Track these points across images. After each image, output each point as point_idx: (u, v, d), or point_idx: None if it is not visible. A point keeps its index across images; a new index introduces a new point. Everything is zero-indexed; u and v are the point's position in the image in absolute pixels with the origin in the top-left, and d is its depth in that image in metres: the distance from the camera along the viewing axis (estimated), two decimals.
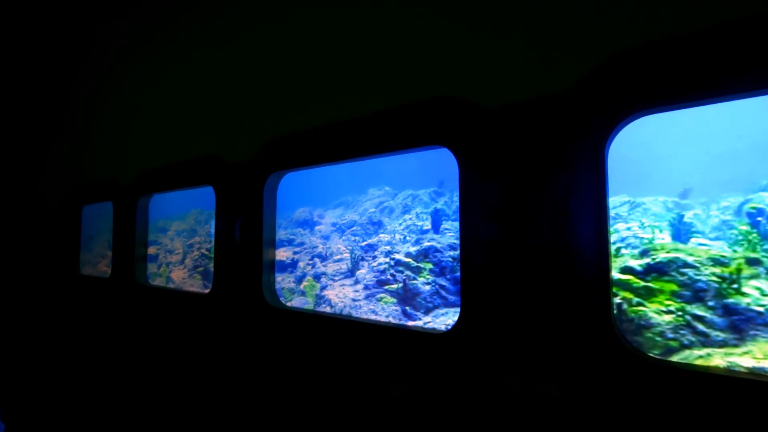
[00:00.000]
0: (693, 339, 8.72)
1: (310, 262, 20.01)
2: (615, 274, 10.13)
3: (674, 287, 9.39)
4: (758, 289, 8.88)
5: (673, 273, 9.50)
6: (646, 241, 13.37)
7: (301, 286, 17.28)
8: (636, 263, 10.01)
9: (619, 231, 15.02)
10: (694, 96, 1.51)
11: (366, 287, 15.73)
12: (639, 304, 9.36)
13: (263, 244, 2.85)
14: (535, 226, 1.81)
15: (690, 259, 9.47)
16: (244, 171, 2.99)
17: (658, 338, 8.94)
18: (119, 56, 4.32)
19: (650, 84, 1.58)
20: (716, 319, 8.79)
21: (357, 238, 22.04)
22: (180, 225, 30.11)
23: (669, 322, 9.00)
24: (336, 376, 2.43)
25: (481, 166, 1.95)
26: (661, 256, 9.67)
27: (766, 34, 1.37)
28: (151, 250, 26.18)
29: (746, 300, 8.74)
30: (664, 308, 9.17)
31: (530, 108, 1.83)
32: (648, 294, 9.52)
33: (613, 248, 11.53)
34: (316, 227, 26.65)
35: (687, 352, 8.52)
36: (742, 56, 1.42)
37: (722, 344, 8.44)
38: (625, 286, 9.81)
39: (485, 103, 1.94)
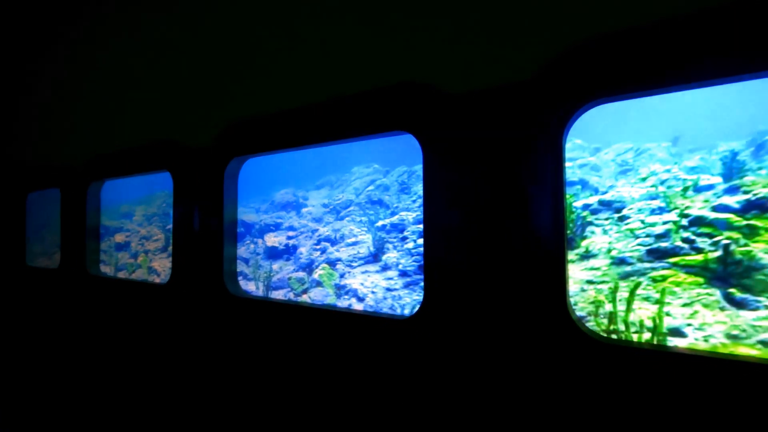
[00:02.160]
0: None
1: (318, 246, 17.84)
2: (708, 213, 9.08)
3: None
4: None
5: None
6: (689, 182, 12.57)
7: (315, 275, 15.09)
8: (731, 200, 8.97)
9: (657, 173, 14.16)
10: (648, 85, 1.57)
11: (403, 273, 13.48)
12: (745, 244, 8.35)
13: (224, 231, 2.81)
14: (496, 212, 1.85)
15: None
16: (203, 156, 2.93)
17: None
18: (66, 30, 3.73)
19: (605, 74, 1.65)
20: None
21: (364, 218, 20.12)
22: (149, 209, 27.24)
23: None
24: (301, 364, 2.44)
25: (444, 152, 2.00)
26: (763, 191, 8.64)
27: (713, 27, 1.44)
28: (119, 238, 23.37)
29: None
30: None
31: (492, 95, 1.87)
32: (752, 233, 8.52)
33: (675, 189, 10.55)
34: (303, 209, 24.55)
35: None
36: (692, 47, 1.48)
37: None
38: (724, 225, 8.76)
39: (449, 89, 1.98)
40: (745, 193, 8.94)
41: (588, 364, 1.66)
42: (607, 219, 11.25)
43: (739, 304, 7.85)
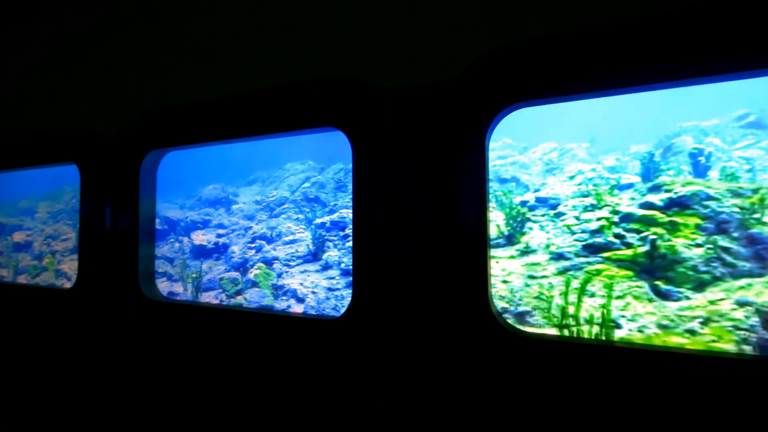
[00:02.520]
0: (724, 271, 8.60)
1: (253, 245, 16.88)
2: (636, 210, 9.70)
3: (698, 220, 9.20)
4: None
5: (696, 206, 9.28)
6: (613, 181, 13.49)
7: (250, 275, 14.24)
8: (656, 198, 9.65)
9: (583, 172, 15.03)
10: (569, 91, 1.64)
11: (346, 272, 13.06)
12: (668, 239, 9.01)
13: (140, 229, 2.65)
14: (424, 208, 1.89)
15: (711, 192, 9.32)
16: (116, 147, 2.75)
17: (691, 272, 8.67)
18: None
19: (531, 76, 1.69)
20: (742, 250, 8.76)
21: (301, 216, 19.38)
22: (55, 205, 24.47)
23: (700, 256, 8.78)
24: (227, 370, 2.35)
25: (373, 148, 1.99)
26: (684, 190, 9.38)
27: (633, 38, 1.55)
28: (18, 237, 20.80)
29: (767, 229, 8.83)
30: (691, 242, 8.94)
31: (419, 93, 1.89)
32: (673, 229, 9.22)
33: (602, 187, 11.23)
34: (234, 206, 23.30)
35: (728, 285, 8.35)
36: (612, 56, 1.58)
37: (748, 274, 8.42)
38: (650, 221, 9.40)
39: (377, 85, 1.97)
40: (667, 191, 9.65)
41: (507, 356, 1.75)
42: (543, 215, 11.69)
43: (664, 296, 8.45)
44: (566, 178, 15.71)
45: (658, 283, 8.66)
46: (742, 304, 7.68)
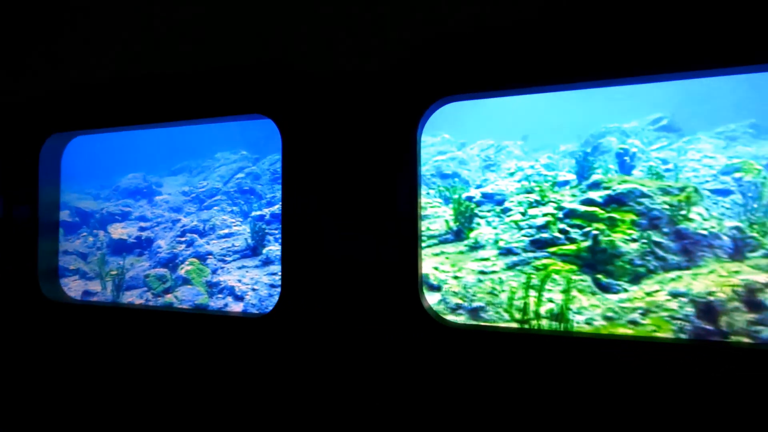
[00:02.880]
0: (656, 264, 9.19)
1: (183, 239, 15.52)
2: (579, 206, 10.09)
3: (634, 216, 9.75)
4: (699, 214, 9.80)
5: (632, 203, 9.83)
6: (550, 178, 14.08)
7: (181, 272, 13.04)
8: (596, 195, 10.09)
9: (523, 169, 15.53)
10: (500, 86, 1.69)
11: None
12: (608, 234, 9.46)
13: (39, 222, 2.37)
14: (353, 200, 1.86)
15: (645, 189, 9.91)
16: (10, 127, 2.42)
17: (628, 266, 9.17)
18: None
19: (458, 71, 1.74)
20: (672, 244, 9.42)
21: (236, 208, 18.17)
22: None
23: (636, 250, 9.31)
24: (144, 372, 2.19)
25: (303, 137, 1.95)
26: (621, 187, 9.89)
27: (562, 35, 1.59)
28: None
29: (693, 225, 9.56)
30: (627, 237, 9.46)
31: (352, 82, 1.87)
32: (612, 224, 9.70)
33: (543, 184, 11.61)
34: (157, 197, 21.49)
35: (661, 277, 8.92)
36: (540, 52, 1.64)
37: (677, 267, 9.08)
38: (591, 217, 9.82)
39: (308, 71, 1.91)
40: (606, 188, 10.13)
41: (438, 347, 1.81)
42: (489, 211, 11.86)
43: (605, 289, 8.85)
44: (506, 174, 16.18)
45: (599, 276, 9.06)
46: (675, 295, 8.22)
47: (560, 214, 10.10)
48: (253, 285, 11.80)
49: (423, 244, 11.29)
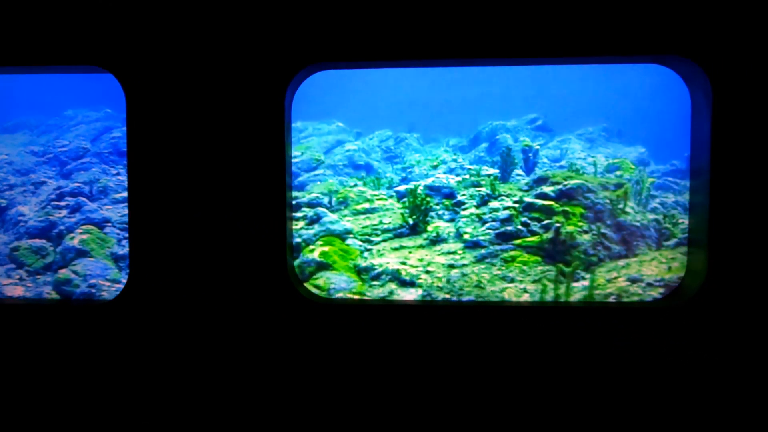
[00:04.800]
0: (605, 253, 9.90)
1: (61, 203, 12.10)
2: (536, 200, 10.37)
3: (582, 210, 10.37)
4: (632, 207, 10.85)
5: (580, 198, 10.44)
6: (467, 175, 14.42)
7: (74, 242, 10.13)
8: (549, 189, 10.50)
9: (446, 162, 15.73)
10: (370, 56, 1.62)
11: None
12: (563, 226, 9.89)
13: None
14: (216, 173, 1.73)
15: (590, 185, 10.62)
16: None
17: (583, 256, 9.71)
18: None
19: (327, 39, 1.65)
20: (614, 235, 10.25)
21: (116, 170, 14.95)
22: None
23: (588, 241, 9.90)
24: None
25: (153, 98, 1.75)
26: (571, 183, 10.45)
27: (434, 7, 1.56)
28: None
29: (628, 218, 10.53)
30: (579, 228, 10.02)
31: (214, 43, 1.77)
32: (566, 217, 10.17)
33: (490, 179, 11.82)
34: None
35: (611, 265, 9.60)
36: (408, 26, 1.57)
37: (623, 256, 9.92)
38: (549, 211, 10.16)
39: (162, 27, 1.74)
40: (556, 183, 10.62)
41: (307, 321, 1.78)
42: (438, 204, 11.58)
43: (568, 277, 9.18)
44: (429, 168, 16.20)
45: (560, 266, 9.36)
46: (633, 280, 8.87)
47: (520, 208, 10.26)
48: None
49: (377, 238, 10.52)
